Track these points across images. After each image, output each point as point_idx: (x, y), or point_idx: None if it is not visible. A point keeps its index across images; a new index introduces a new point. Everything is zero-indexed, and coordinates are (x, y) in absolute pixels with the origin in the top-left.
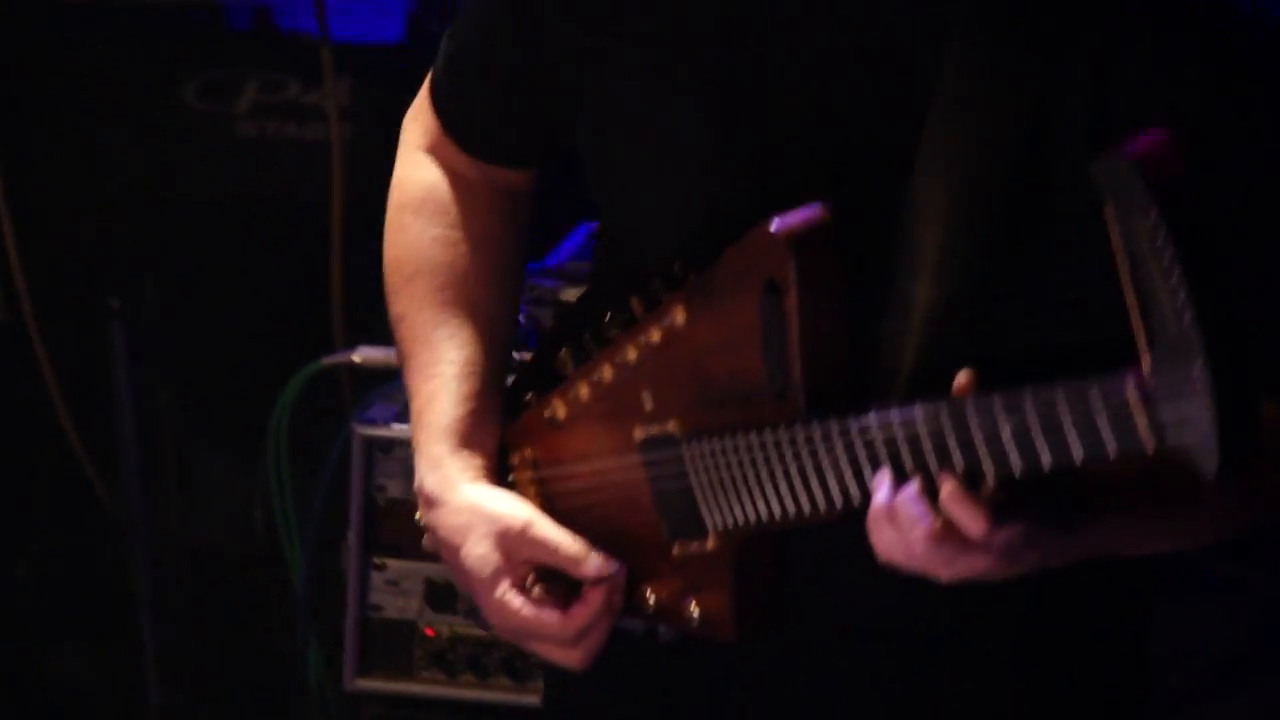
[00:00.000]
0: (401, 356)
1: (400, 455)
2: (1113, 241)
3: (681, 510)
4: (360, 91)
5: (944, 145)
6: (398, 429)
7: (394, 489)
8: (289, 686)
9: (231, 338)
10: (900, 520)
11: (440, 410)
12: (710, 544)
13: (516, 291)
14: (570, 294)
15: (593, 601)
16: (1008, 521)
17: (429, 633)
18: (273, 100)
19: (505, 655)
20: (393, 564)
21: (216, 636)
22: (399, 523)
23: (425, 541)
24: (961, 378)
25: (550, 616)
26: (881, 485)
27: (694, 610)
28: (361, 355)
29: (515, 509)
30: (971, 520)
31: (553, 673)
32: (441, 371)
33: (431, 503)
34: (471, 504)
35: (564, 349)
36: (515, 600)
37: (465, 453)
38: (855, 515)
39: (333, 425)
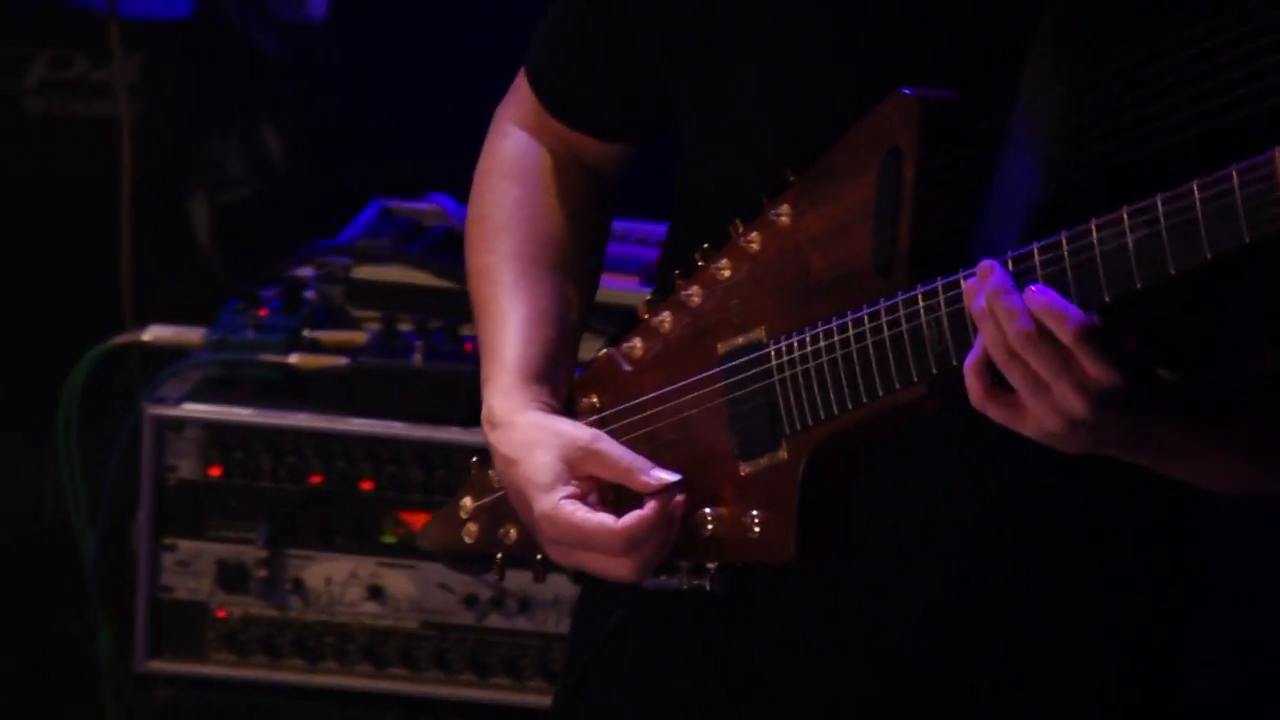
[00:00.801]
0: (478, 306)
1: (191, 435)
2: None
3: (757, 420)
4: (149, 68)
5: (1059, 46)
6: (188, 408)
7: (185, 469)
8: (79, 669)
9: (19, 317)
10: (1000, 310)
11: (513, 346)
12: (783, 454)
13: (596, 268)
14: (363, 271)
15: (649, 509)
16: (1103, 349)
17: (220, 614)
18: (61, 77)
19: (297, 636)
20: (184, 545)
21: (5, 620)
22: (190, 503)
23: (490, 476)
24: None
25: (604, 521)
26: (994, 269)
27: (756, 526)
28: (152, 334)
29: (581, 428)
30: (1067, 320)
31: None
32: (519, 314)
33: (496, 424)
34: (538, 422)
35: (642, 302)
36: (569, 505)
37: (535, 387)
38: (947, 395)
39: (123, 405)
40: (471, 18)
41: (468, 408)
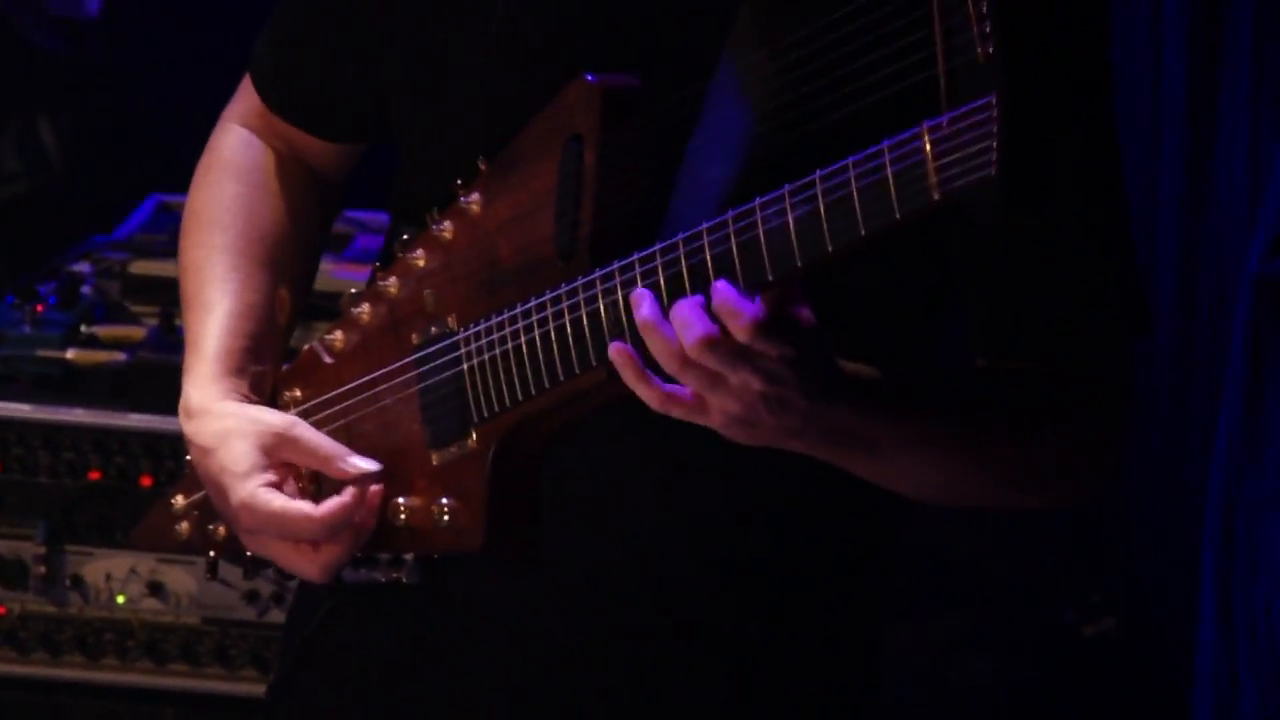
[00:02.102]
0: (184, 299)
1: None
2: None
3: (448, 408)
4: None
5: (749, 37)
6: None
7: None
8: None
9: None
10: (676, 321)
11: (215, 339)
12: (472, 442)
13: (311, 268)
14: (140, 266)
15: (349, 494)
16: (776, 333)
17: (0, 610)
18: None
19: (78, 632)
20: None
21: None
22: None
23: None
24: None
25: (302, 509)
26: (644, 298)
27: (445, 515)
28: None
29: (277, 415)
30: (740, 317)
31: (291, 644)
32: (224, 308)
33: (193, 414)
34: (234, 410)
35: (346, 294)
36: (266, 493)
37: (234, 379)
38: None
39: None
40: (246, 14)
41: None
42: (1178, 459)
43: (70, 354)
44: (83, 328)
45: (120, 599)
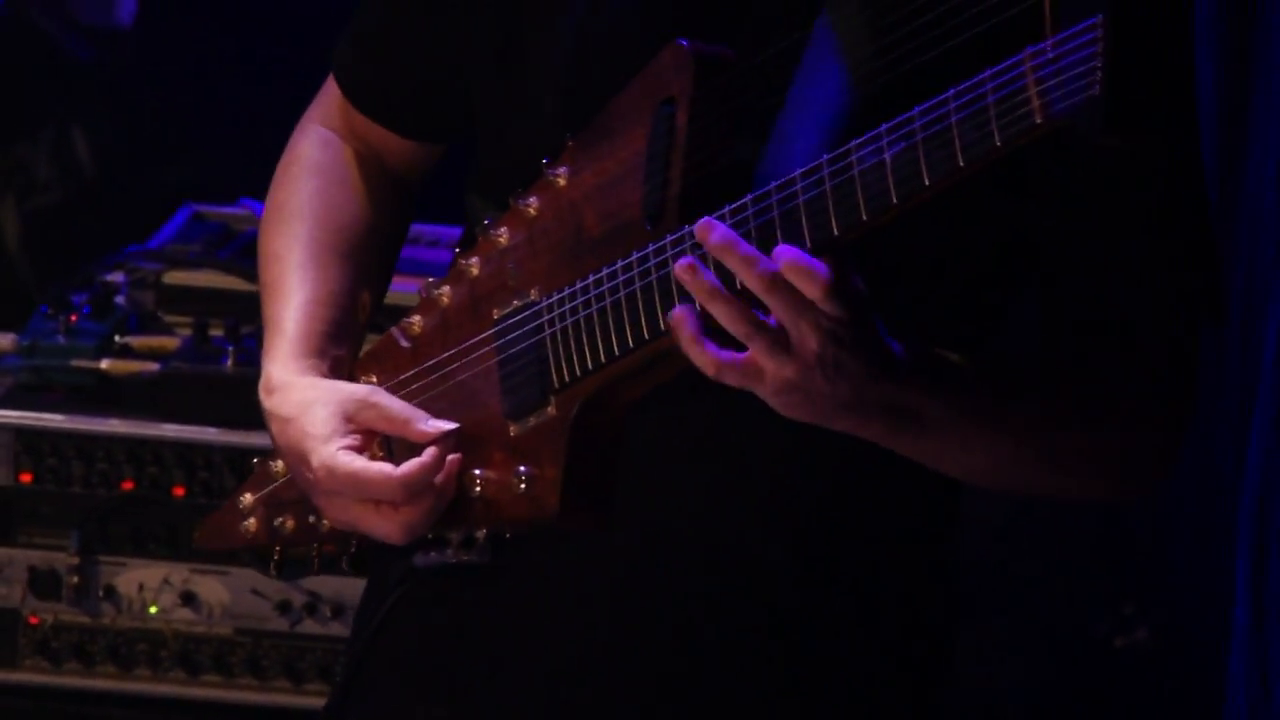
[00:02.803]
0: (264, 288)
1: (2, 441)
2: None
3: (527, 378)
4: None
5: (841, 14)
6: (2, 415)
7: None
8: None
9: None
10: (735, 263)
11: (295, 322)
12: (551, 410)
13: (389, 265)
14: (174, 276)
15: (429, 454)
16: (842, 296)
17: (32, 621)
18: None
19: (111, 643)
20: None
21: None
22: (1, 510)
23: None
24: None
25: (383, 468)
26: (714, 225)
27: (522, 482)
28: None
29: (358, 385)
30: (813, 276)
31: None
32: (304, 294)
33: (273, 389)
34: (315, 383)
35: (425, 282)
36: (346, 455)
37: (314, 359)
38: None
39: None
40: (280, 23)
41: None
42: (1210, 471)
43: (104, 364)
44: (116, 338)
45: (153, 609)
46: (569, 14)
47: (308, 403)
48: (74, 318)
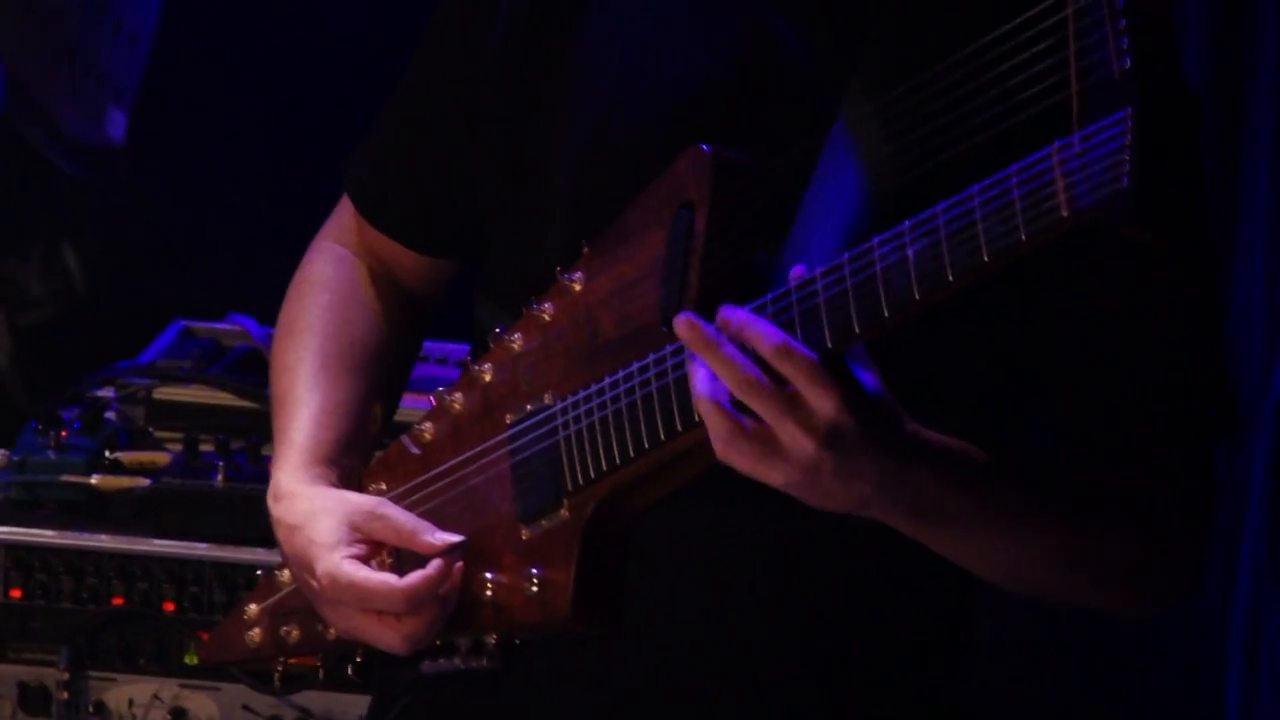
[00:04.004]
0: (275, 400)
1: None
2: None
3: (540, 480)
4: None
5: (859, 119)
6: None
7: None
8: None
9: None
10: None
11: (305, 431)
12: (564, 513)
13: (400, 380)
14: (164, 392)
15: (433, 567)
16: (832, 383)
17: None
18: None
19: None
20: None
21: None
22: None
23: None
24: (795, 269)
25: (386, 579)
26: (700, 323)
27: (534, 585)
28: None
29: (366, 496)
30: (794, 358)
31: None
32: (314, 404)
33: (281, 496)
34: (323, 492)
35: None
36: (351, 565)
37: (323, 468)
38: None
39: None
40: (269, 139)
41: (270, 528)
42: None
43: (94, 479)
44: (107, 453)
45: None
46: (579, 124)
47: (314, 511)
48: (64, 433)
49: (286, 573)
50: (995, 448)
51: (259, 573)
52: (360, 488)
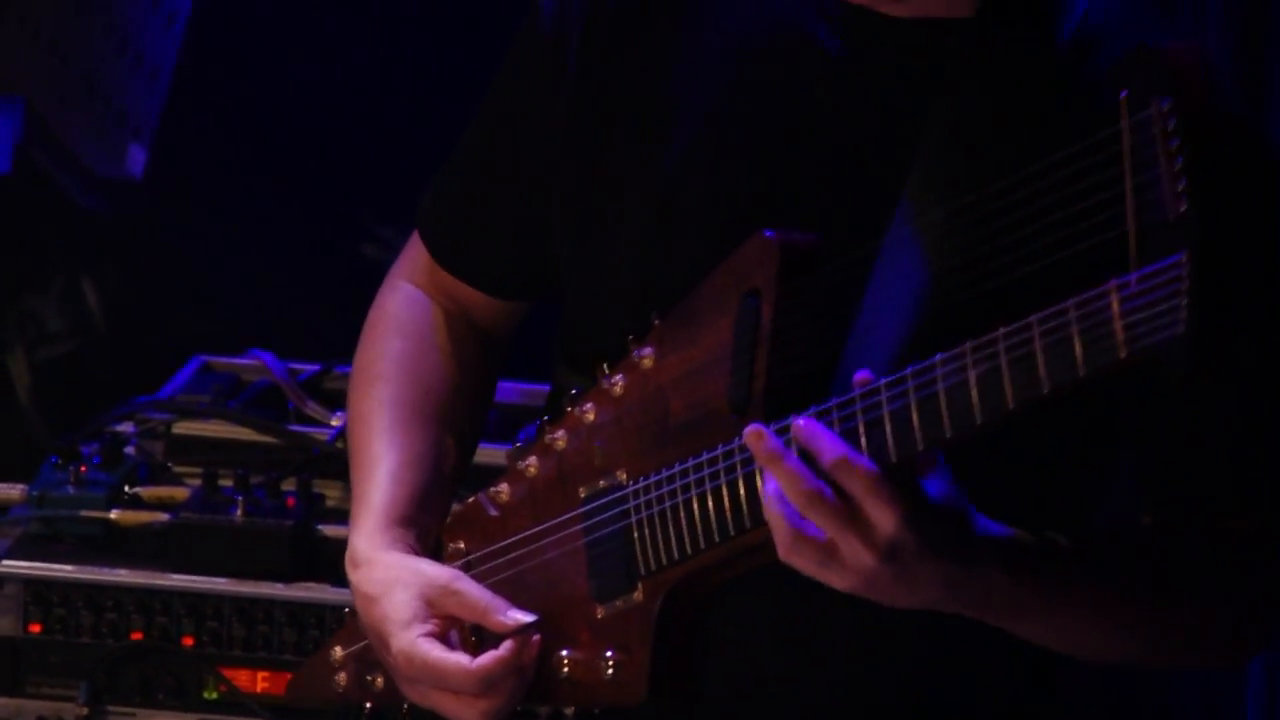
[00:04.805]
0: (352, 452)
1: (10, 592)
2: (1121, 137)
3: (615, 561)
4: None
5: (927, 194)
6: (8, 565)
7: (4, 626)
8: None
9: None
10: (781, 474)
11: (381, 489)
12: (638, 596)
13: (479, 423)
14: (184, 426)
15: (505, 650)
16: (902, 501)
17: None
18: None
19: None
20: (3, 702)
21: None
22: (9, 661)
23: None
24: (860, 374)
25: (459, 660)
26: (767, 434)
27: (610, 667)
28: None
29: (441, 568)
30: (855, 473)
31: None
32: (391, 459)
33: (358, 563)
34: (399, 561)
35: (512, 449)
36: (426, 643)
37: (400, 529)
38: None
39: None
40: (289, 178)
41: (289, 563)
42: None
43: (113, 514)
44: (126, 488)
45: None
46: (649, 188)
47: (390, 583)
48: (83, 468)
49: None
50: (1071, 518)
51: (347, 609)
52: (439, 545)
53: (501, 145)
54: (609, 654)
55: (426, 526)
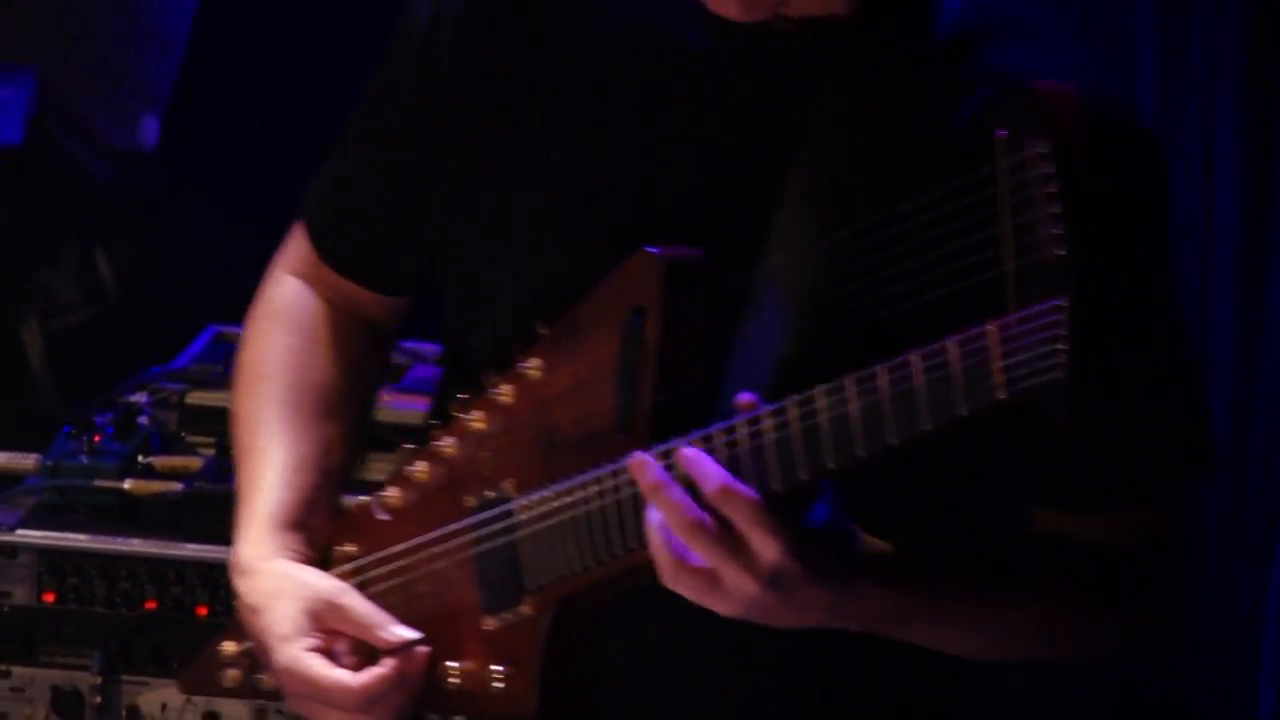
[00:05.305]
0: (237, 452)
1: (24, 561)
2: (998, 177)
3: (503, 574)
4: None
5: (800, 207)
6: (22, 535)
7: (19, 596)
8: None
9: None
10: (663, 504)
11: (268, 493)
12: (527, 609)
13: (363, 419)
14: (197, 397)
15: (387, 667)
16: (784, 530)
17: None
18: None
19: None
20: (17, 671)
21: None
22: (24, 630)
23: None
24: (743, 397)
25: (342, 677)
26: (651, 465)
27: (498, 681)
28: None
29: (328, 581)
30: (739, 504)
31: None
32: (278, 461)
33: (244, 571)
34: (285, 572)
35: (403, 445)
36: (308, 658)
37: (287, 534)
38: None
39: None
40: (302, 148)
41: None
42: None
43: (127, 484)
44: (139, 458)
45: None
46: (524, 193)
47: (275, 594)
48: (97, 438)
49: None
50: (952, 520)
51: (236, 605)
52: (327, 548)
53: (382, 142)
54: (499, 667)
55: (315, 530)
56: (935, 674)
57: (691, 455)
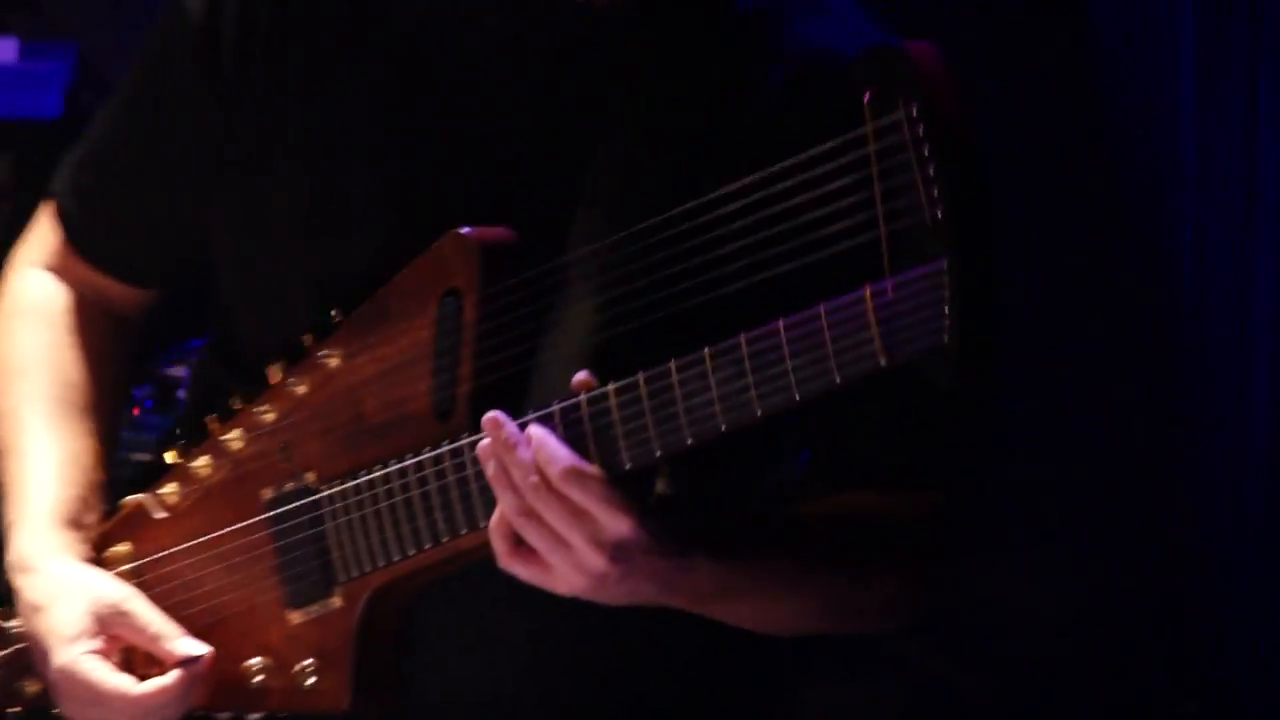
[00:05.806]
0: (3, 451)
1: None
2: (865, 139)
3: (309, 567)
4: (20, 167)
5: (610, 183)
6: None
7: None
8: None
9: None
10: (513, 465)
11: (46, 489)
12: (337, 601)
13: (119, 410)
14: None
15: (170, 679)
16: (632, 505)
17: None
18: None
19: None
20: None
21: None
22: None
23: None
24: (580, 376)
25: (120, 685)
26: (506, 421)
27: (309, 676)
28: None
29: (114, 585)
30: (588, 483)
31: None
32: (52, 457)
33: (24, 568)
34: (69, 573)
35: (173, 446)
36: (89, 661)
37: (69, 532)
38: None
39: None
40: None
41: None
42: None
43: (166, 457)
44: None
45: None
46: (314, 182)
47: (58, 594)
48: (136, 411)
49: (18, 622)
50: (757, 495)
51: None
52: (99, 549)
53: (146, 137)
54: (308, 662)
55: (90, 527)
56: (742, 658)
57: (537, 434)
